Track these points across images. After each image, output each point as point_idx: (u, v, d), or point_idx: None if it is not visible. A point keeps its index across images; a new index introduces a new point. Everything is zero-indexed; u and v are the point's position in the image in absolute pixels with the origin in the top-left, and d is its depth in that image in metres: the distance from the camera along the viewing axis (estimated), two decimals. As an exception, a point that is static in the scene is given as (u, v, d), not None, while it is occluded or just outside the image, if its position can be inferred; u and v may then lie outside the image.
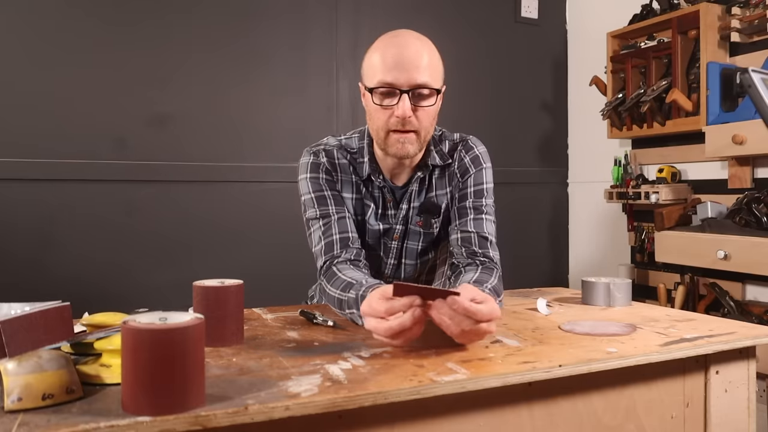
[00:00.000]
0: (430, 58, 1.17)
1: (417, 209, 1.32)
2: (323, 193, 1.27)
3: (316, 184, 1.28)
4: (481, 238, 1.26)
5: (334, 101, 2.55)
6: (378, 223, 1.31)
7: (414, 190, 1.31)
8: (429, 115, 1.20)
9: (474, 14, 2.83)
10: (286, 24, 2.46)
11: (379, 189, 1.31)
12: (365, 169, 1.29)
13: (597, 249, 2.87)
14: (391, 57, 1.15)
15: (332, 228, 1.24)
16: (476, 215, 1.29)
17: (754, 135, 1.90)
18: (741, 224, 1.94)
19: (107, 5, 2.20)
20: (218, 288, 0.94)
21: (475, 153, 1.34)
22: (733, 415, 1.01)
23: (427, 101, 1.18)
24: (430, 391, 0.74)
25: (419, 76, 1.15)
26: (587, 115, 2.86)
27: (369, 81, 1.19)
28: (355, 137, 1.33)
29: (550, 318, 1.14)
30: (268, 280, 2.18)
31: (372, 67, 1.18)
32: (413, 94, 1.16)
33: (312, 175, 1.28)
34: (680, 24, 2.27)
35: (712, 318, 1.15)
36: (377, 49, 1.19)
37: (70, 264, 2.14)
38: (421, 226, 1.32)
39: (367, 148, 1.29)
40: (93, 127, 2.18)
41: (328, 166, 1.29)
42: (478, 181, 1.32)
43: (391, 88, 1.15)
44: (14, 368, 0.67)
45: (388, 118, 1.17)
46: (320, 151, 1.30)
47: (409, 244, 1.34)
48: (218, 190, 2.36)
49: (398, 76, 1.14)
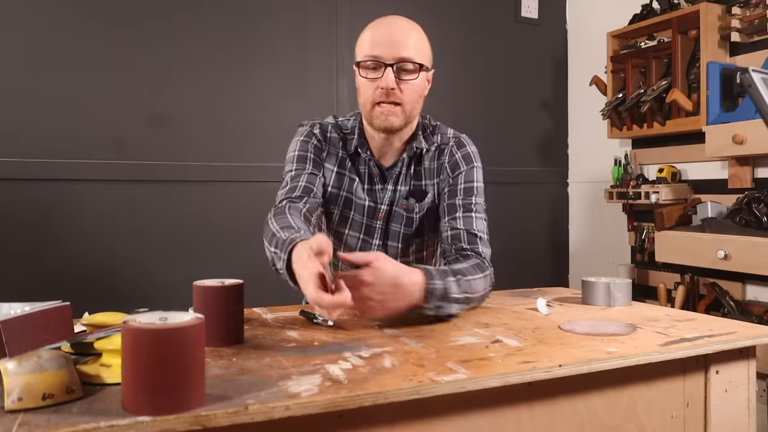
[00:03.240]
0: (417, 38, 1.25)
1: (404, 192, 1.35)
2: (306, 155, 1.34)
3: (304, 147, 1.35)
4: (470, 235, 1.28)
5: (334, 101, 2.55)
6: (365, 197, 1.35)
7: (402, 173, 1.35)
8: (414, 89, 1.25)
9: (474, 14, 2.83)
10: (286, 24, 2.46)
11: (365, 163, 1.35)
12: (353, 143, 1.34)
13: (597, 249, 2.87)
14: (380, 33, 1.23)
15: (301, 178, 1.30)
16: (466, 213, 1.30)
17: (754, 135, 1.90)
18: (741, 224, 1.94)
19: (107, 5, 2.20)
20: (218, 288, 0.94)
21: (467, 151, 1.36)
22: (733, 414, 1.01)
23: (411, 75, 1.23)
24: (430, 391, 0.74)
25: (404, 50, 1.22)
26: (587, 115, 2.86)
27: (358, 56, 1.26)
28: (350, 118, 1.40)
29: (550, 318, 1.14)
30: (268, 280, 2.18)
31: (361, 44, 1.26)
32: (397, 67, 1.22)
33: (303, 138, 1.36)
34: (680, 24, 2.27)
35: (712, 318, 1.15)
36: (368, 28, 1.27)
37: (70, 264, 2.14)
38: (405, 209, 1.36)
39: (358, 126, 1.35)
40: (93, 127, 2.18)
41: (319, 137, 1.36)
42: (468, 179, 1.33)
43: (376, 61, 1.22)
44: (14, 368, 0.67)
45: (373, 90, 1.23)
46: (316, 124, 1.38)
47: (393, 226, 1.37)
48: (218, 190, 2.36)
49: (384, 50, 1.21)
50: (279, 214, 1.18)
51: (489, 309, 1.23)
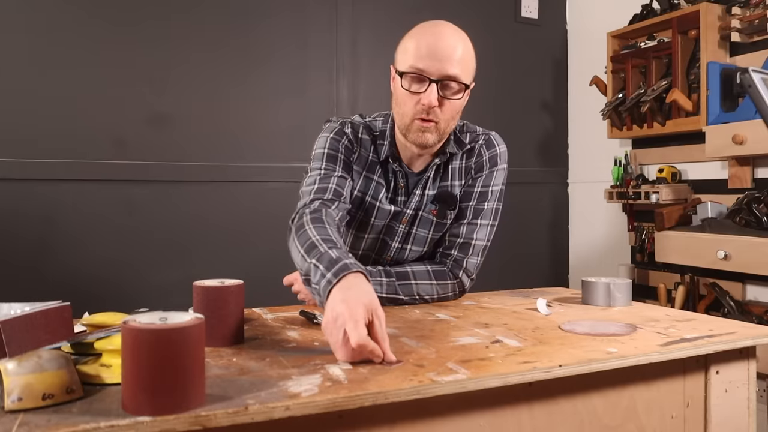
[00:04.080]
0: (464, 52, 1.18)
1: (431, 197, 1.32)
2: (337, 155, 1.28)
3: (334, 144, 1.28)
4: (463, 244, 1.30)
5: (334, 101, 2.55)
6: (390, 205, 1.32)
7: (429, 177, 1.32)
8: (453, 108, 1.20)
9: (474, 14, 2.83)
10: (286, 24, 2.46)
11: (393, 173, 1.31)
12: (384, 151, 1.30)
13: (597, 249, 2.87)
14: (426, 45, 1.16)
15: (332, 180, 1.24)
16: (472, 219, 1.31)
17: (754, 135, 1.90)
18: (741, 224, 1.94)
19: (106, 5, 2.20)
20: (218, 288, 0.94)
21: (496, 152, 1.34)
22: (733, 415, 1.01)
23: (455, 95, 1.19)
24: (430, 391, 0.74)
25: (450, 68, 1.16)
26: (587, 115, 2.86)
27: (401, 65, 1.20)
28: (379, 120, 1.34)
29: (550, 318, 1.14)
30: (268, 280, 2.18)
31: (405, 52, 1.19)
32: (442, 84, 1.17)
33: (334, 136, 1.29)
34: (680, 24, 2.27)
35: (712, 318, 1.15)
36: (414, 35, 1.20)
37: (70, 264, 2.14)
38: (435, 215, 1.32)
39: (389, 131, 1.30)
40: (93, 127, 2.18)
41: (351, 137, 1.30)
42: (486, 183, 1.32)
43: (421, 75, 1.16)
44: (14, 368, 0.67)
45: (414, 104, 1.18)
46: (347, 123, 1.32)
47: (419, 230, 1.34)
48: (218, 190, 2.36)
49: (430, 65, 1.15)
50: (316, 220, 1.09)
51: (489, 309, 1.23)
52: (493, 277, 2.36)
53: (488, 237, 1.32)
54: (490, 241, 1.33)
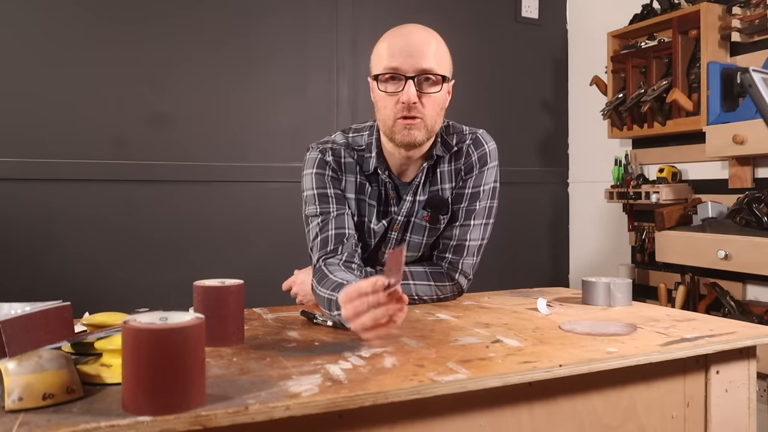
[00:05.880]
0: (437, 47, 1.18)
1: (423, 203, 1.31)
2: (326, 191, 1.26)
3: (320, 181, 1.27)
4: (457, 246, 1.30)
5: (334, 101, 2.55)
6: (381, 223, 1.31)
7: (419, 182, 1.30)
8: (435, 102, 1.19)
9: (474, 14, 2.83)
10: (286, 24, 2.46)
11: (383, 184, 1.30)
12: (372, 163, 1.28)
13: (597, 249, 2.87)
14: (397, 44, 1.17)
15: (329, 224, 1.24)
16: (465, 221, 1.30)
17: (755, 135, 1.90)
18: (741, 224, 1.94)
19: (106, 5, 2.20)
20: (218, 288, 0.94)
21: (485, 150, 1.32)
22: (733, 415, 1.01)
23: (433, 88, 1.18)
24: (430, 391, 0.74)
25: (424, 62, 1.15)
26: (587, 115, 2.86)
27: (375, 69, 1.20)
28: (364, 134, 1.31)
29: (550, 318, 1.14)
30: (268, 280, 2.18)
31: (378, 56, 1.20)
32: (419, 80, 1.16)
33: (318, 171, 1.27)
34: (681, 24, 2.27)
35: (712, 318, 1.15)
36: (384, 39, 1.20)
37: (71, 264, 2.14)
38: (428, 220, 1.31)
39: (375, 143, 1.28)
40: (93, 127, 2.18)
41: (334, 165, 1.28)
42: (477, 183, 1.30)
43: (396, 73, 1.16)
44: (15, 368, 0.67)
45: (394, 105, 1.17)
46: (327, 149, 1.29)
47: (413, 237, 1.33)
48: (218, 190, 2.36)
49: (403, 62, 1.15)
50: (322, 278, 1.14)
51: (489, 309, 1.23)
52: (493, 277, 2.36)
53: (482, 236, 1.31)
54: (486, 239, 1.32)
